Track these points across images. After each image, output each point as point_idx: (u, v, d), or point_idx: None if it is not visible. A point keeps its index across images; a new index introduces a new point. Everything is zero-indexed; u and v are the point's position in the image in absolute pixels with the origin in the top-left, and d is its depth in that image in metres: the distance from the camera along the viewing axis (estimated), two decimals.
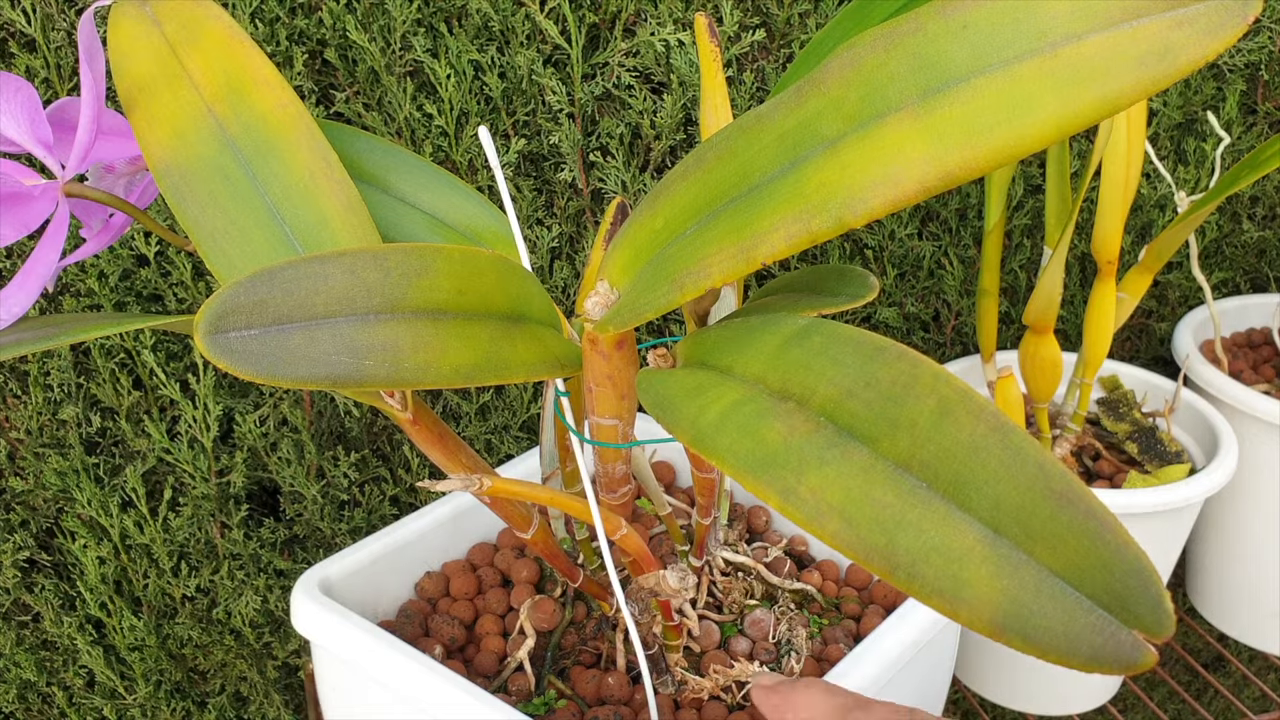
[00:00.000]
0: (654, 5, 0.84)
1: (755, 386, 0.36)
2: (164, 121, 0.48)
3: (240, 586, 0.89)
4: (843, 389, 0.34)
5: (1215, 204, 0.78)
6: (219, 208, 0.47)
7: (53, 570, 0.88)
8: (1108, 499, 0.78)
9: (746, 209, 0.38)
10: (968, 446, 0.31)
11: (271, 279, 0.37)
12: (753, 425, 0.34)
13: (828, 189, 0.35)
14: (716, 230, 0.39)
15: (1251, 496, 0.92)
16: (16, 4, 0.75)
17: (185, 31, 0.49)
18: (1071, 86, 0.32)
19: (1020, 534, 0.29)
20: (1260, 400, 0.89)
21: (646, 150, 0.89)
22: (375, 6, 0.81)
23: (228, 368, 0.36)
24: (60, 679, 0.90)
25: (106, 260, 0.81)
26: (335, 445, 0.90)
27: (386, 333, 0.39)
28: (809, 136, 0.37)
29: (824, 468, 0.32)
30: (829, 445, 0.32)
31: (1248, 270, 1.13)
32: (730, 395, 0.36)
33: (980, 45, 0.34)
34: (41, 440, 0.84)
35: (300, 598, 0.59)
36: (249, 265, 0.47)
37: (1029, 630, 0.28)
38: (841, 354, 0.35)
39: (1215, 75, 1.00)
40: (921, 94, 0.34)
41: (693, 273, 0.39)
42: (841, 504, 0.31)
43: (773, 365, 0.37)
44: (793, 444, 0.33)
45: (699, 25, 0.48)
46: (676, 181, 0.43)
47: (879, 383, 0.33)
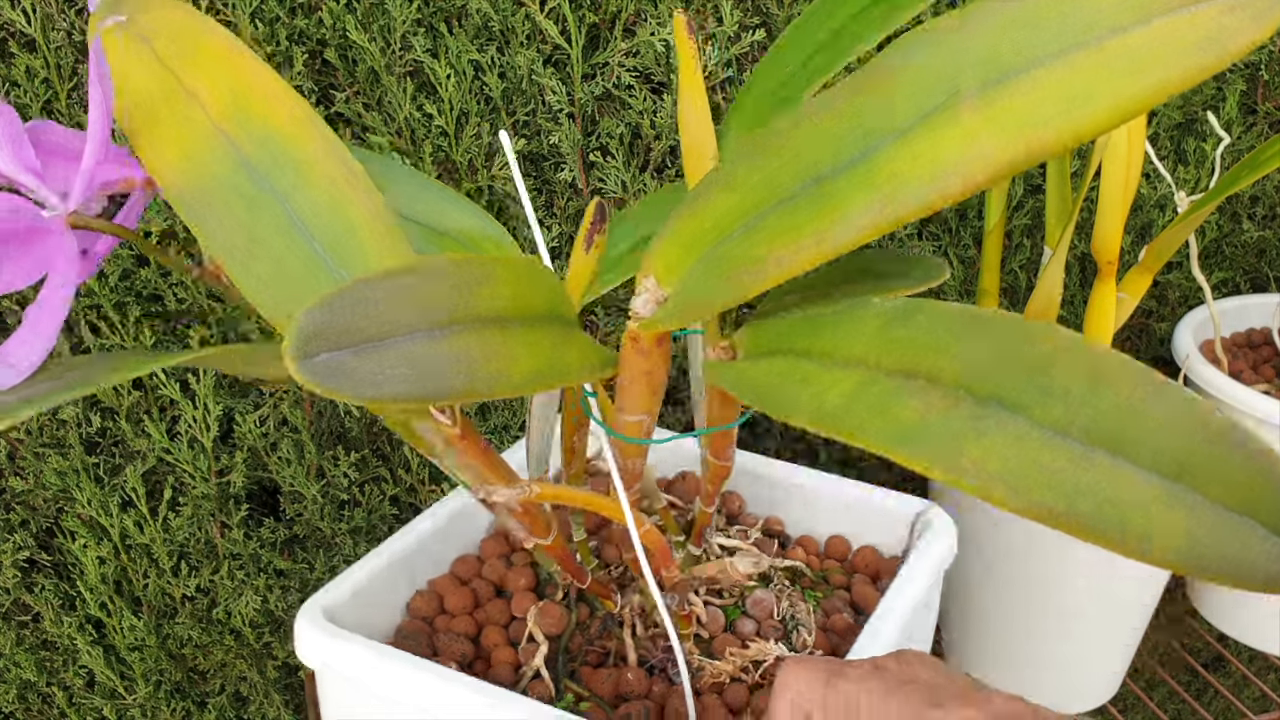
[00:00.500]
0: (654, 5, 0.84)
1: (869, 368, 0.38)
2: (171, 143, 0.46)
3: (240, 586, 0.89)
4: (978, 363, 0.35)
5: (1215, 204, 0.78)
6: (241, 228, 0.46)
7: (53, 570, 0.88)
8: None
9: (817, 200, 0.39)
10: (1125, 408, 0.32)
11: (345, 300, 0.37)
12: (885, 404, 0.35)
13: (900, 178, 0.37)
14: (782, 222, 0.40)
15: None
16: (16, 4, 0.75)
17: (178, 47, 0.48)
18: (1126, 76, 0.33)
19: (1192, 478, 0.31)
20: (1260, 400, 0.89)
21: (646, 150, 0.89)
22: (375, 6, 0.81)
23: (326, 392, 0.36)
24: (60, 679, 0.90)
25: (108, 260, 0.81)
26: (335, 445, 0.90)
27: (459, 344, 0.39)
28: (875, 129, 0.38)
29: (982, 438, 0.33)
30: (977, 417, 0.34)
31: (1248, 270, 1.13)
32: (848, 378, 0.38)
33: (1033, 38, 0.35)
34: (41, 440, 0.84)
35: (307, 628, 0.56)
36: (282, 284, 0.45)
37: (1210, 563, 0.30)
38: (962, 330, 0.36)
39: (1215, 75, 1.00)
40: (981, 86, 0.36)
41: (756, 266, 0.40)
42: (1006, 471, 0.32)
43: (880, 346, 0.38)
44: (933, 419, 0.34)
45: (678, 24, 0.48)
46: (725, 178, 0.43)
47: (1019, 356, 0.35)
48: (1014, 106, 0.35)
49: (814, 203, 0.39)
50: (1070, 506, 0.31)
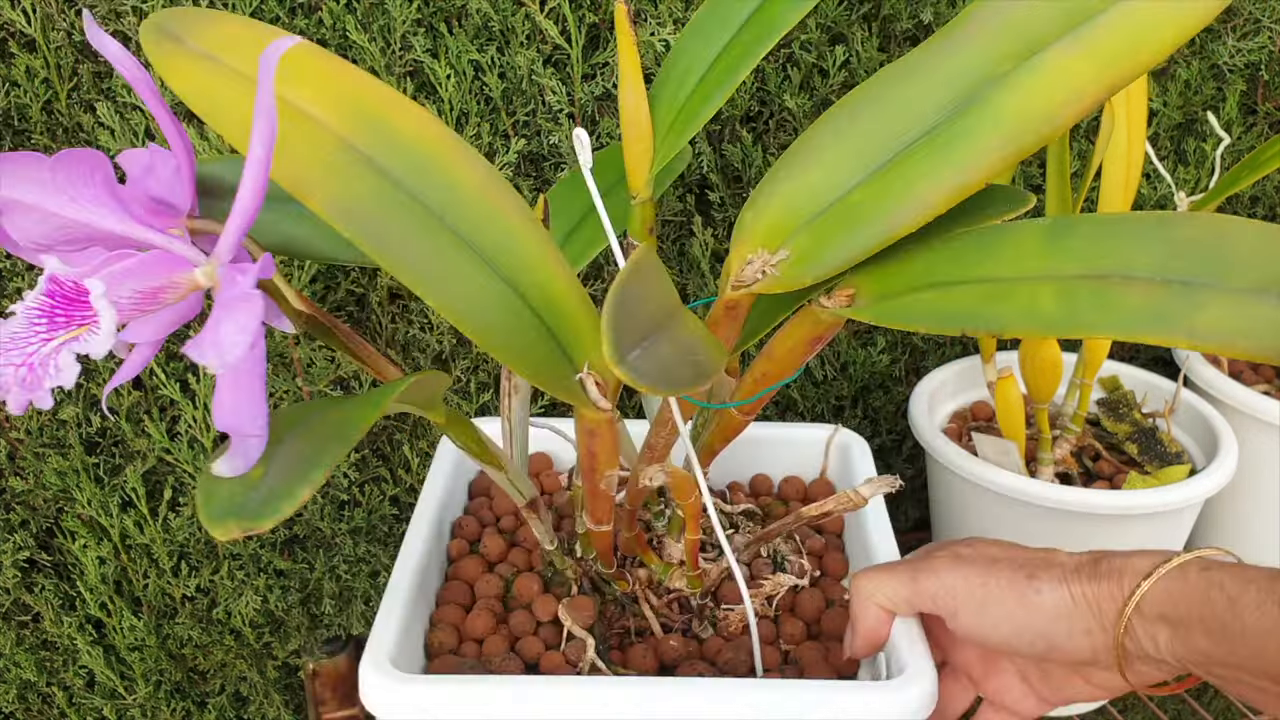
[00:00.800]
0: (654, 5, 0.84)
1: (1057, 278, 0.42)
2: (310, 164, 0.44)
3: (240, 586, 0.89)
4: (1158, 255, 0.41)
5: (1215, 204, 0.78)
6: (426, 255, 0.44)
7: (53, 570, 0.88)
8: (1108, 500, 0.78)
9: (939, 144, 0.44)
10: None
11: (621, 307, 0.39)
12: (1105, 300, 0.41)
13: (1024, 113, 0.43)
14: (910, 169, 0.45)
15: (1251, 497, 0.92)
16: (16, 4, 0.75)
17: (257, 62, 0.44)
18: (1182, 10, 0.41)
19: None
20: (1260, 400, 0.89)
21: None
22: (375, 6, 0.81)
23: (645, 389, 0.38)
24: (60, 679, 0.90)
25: None
26: None
27: (688, 335, 0.44)
28: (980, 76, 0.44)
29: (1203, 309, 0.39)
30: (1185, 295, 0.40)
31: None
32: (1044, 288, 0.42)
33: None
34: (42, 440, 0.84)
35: (392, 684, 0.52)
36: (478, 301, 0.45)
37: None
38: (1129, 230, 0.42)
39: (1215, 75, 1.00)
40: (1068, 29, 0.43)
41: (900, 205, 0.44)
42: (1240, 329, 0.38)
43: (1056, 259, 0.43)
44: (1157, 303, 0.40)
45: (619, 14, 0.51)
46: (812, 144, 0.47)
47: (1189, 240, 0.41)
48: (1101, 40, 0.42)
49: (940, 145, 0.44)
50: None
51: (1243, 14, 0.98)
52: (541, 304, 0.47)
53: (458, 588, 0.65)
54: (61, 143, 0.80)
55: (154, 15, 0.47)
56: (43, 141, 0.79)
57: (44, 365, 0.40)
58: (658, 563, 0.62)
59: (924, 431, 0.85)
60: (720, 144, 0.90)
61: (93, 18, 0.47)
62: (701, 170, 0.90)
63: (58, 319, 0.40)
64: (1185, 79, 0.98)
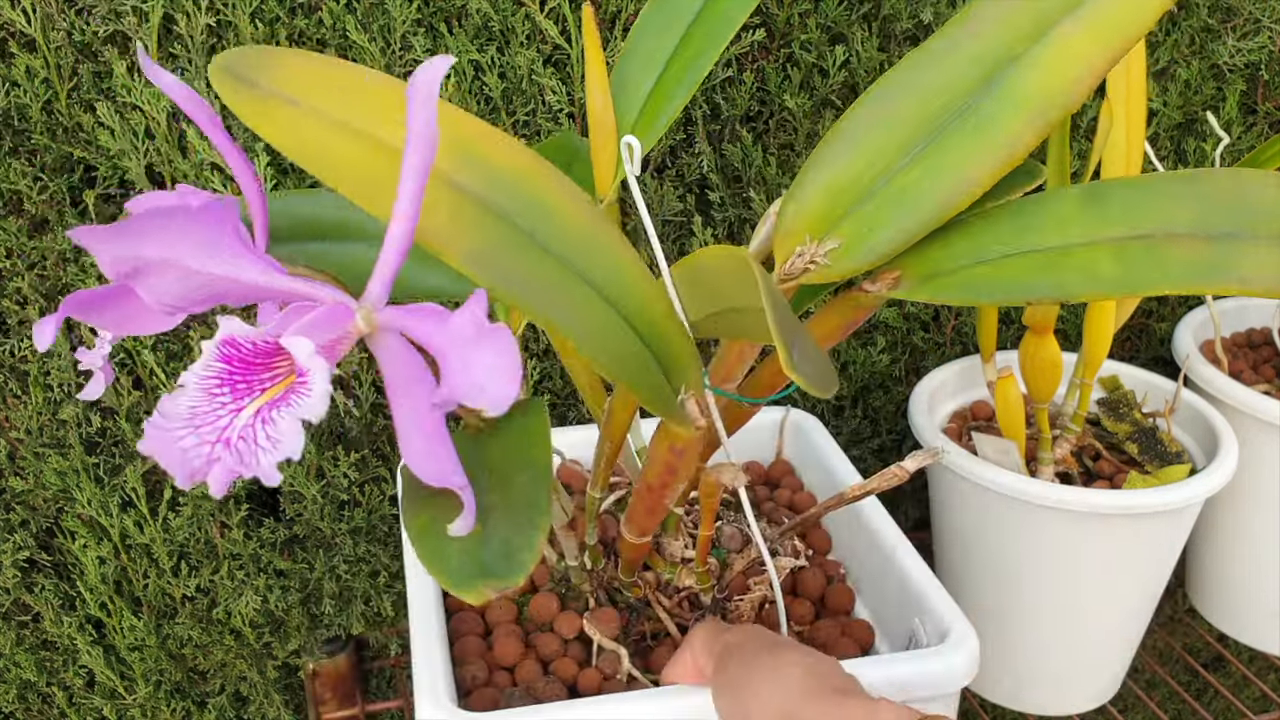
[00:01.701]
0: None
1: (1103, 242, 0.45)
2: (429, 211, 0.42)
3: (240, 586, 0.89)
4: (1193, 211, 0.44)
5: None
6: (575, 306, 0.44)
7: (53, 570, 0.88)
8: (1108, 500, 0.78)
9: (976, 125, 0.47)
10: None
11: (783, 324, 0.40)
12: (1156, 259, 0.44)
13: (1046, 89, 0.46)
14: (951, 152, 0.47)
15: (1252, 497, 0.92)
16: (16, 4, 0.75)
17: (341, 100, 0.43)
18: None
19: None
20: (1260, 400, 0.89)
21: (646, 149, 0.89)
22: (375, 6, 0.81)
23: (814, 391, 0.39)
24: (60, 679, 0.90)
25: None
26: (335, 445, 0.90)
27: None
28: (1001, 57, 0.47)
29: (1246, 258, 0.42)
30: (1227, 246, 0.43)
31: None
32: (1093, 252, 0.45)
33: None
34: (42, 440, 0.84)
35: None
36: (591, 328, 0.44)
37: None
38: (1160, 190, 0.45)
39: (1215, 75, 1.00)
40: (1070, 8, 0.46)
41: (950, 185, 0.46)
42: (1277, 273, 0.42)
43: (1096, 224, 0.45)
44: (1203, 256, 0.43)
45: (586, 16, 0.52)
46: (849, 133, 0.48)
47: (1216, 195, 0.44)
48: (1101, 16, 0.45)
49: (977, 125, 0.47)
50: None
51: (1243, 14, 0.98)
52: (647, 331, 0.47)
53: (468, 617, 0.64)
54: (61, 143, 0.80)
55: (220, 58, 0.44)
56: (43, 141, 0.79)
57: (249, 438, 0.37)
58: (663, 564, 0.62)
59: (924, 431, 0.85)
60: (720, 144, 0.90)
61: (145, 51, 0.42)
62: (702, 170, 0.90)
63: (239, 385, 0.38)
64: (1185, 79, 0.98)
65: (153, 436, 0.37)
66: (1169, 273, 0.43)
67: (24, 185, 0.79)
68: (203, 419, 0.37)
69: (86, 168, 0.82)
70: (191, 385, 0.38)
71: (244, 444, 0.37)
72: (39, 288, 0.81)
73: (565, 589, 0.63)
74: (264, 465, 0.36)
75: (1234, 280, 0.42)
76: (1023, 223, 0.46)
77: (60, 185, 0.81)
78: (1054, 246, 0.46)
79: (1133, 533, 0.80)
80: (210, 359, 0.38)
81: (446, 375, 0.37)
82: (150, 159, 0.80)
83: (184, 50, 0.79)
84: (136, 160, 0.79)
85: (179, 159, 0.80)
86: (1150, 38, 0.97)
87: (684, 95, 0.53)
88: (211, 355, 0.38)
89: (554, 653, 0.60)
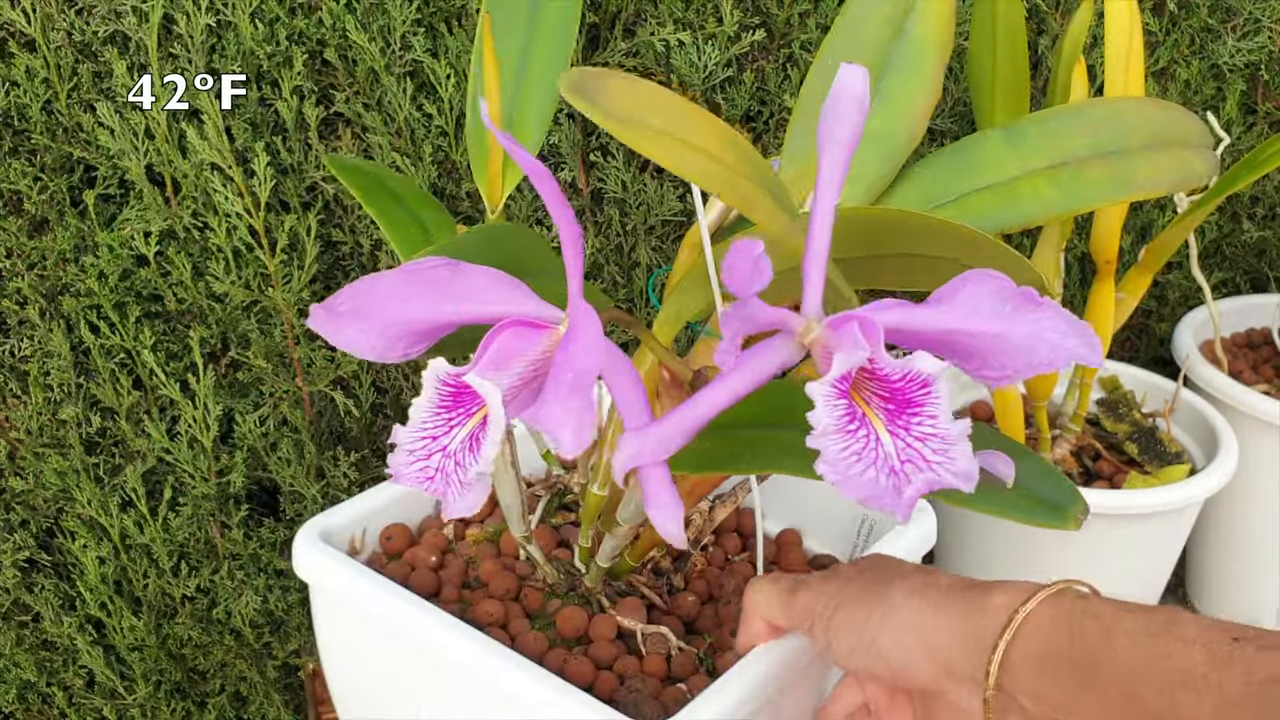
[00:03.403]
0: (654, 5, 0.84)
1: (1036, 172, 0.53)
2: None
3: (240, 586, 0.89)
4: (1090, 138, 0.53)
5: (1214, 204, 0.78)
6: None
7: (53, 570, 0.88)
8: (1108, 500, 0.78)
9: (901, 67, 0.55)
10: (1158, 122, 0.54)
11: None
12: (1082, 180, 0.52)
13: (936, 31, 0.55)
14: (894, 95, 0.56)
15: (1252, 496, 0.92)
16: (16, 4, 0.75)
17: (670, 118, 0.44)
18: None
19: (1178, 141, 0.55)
20: (1260, 400, 0.89)
21: None
22: (375, 6, 0.81)
23: None
24: (60, 679, 0.90)
25: (106, 260, 0.81)
26: (335, 445, 0.90)
27: None
28: (898, 13, 0.56)
29: (1144, 166, 0.52)
30: (1127, 160, 0.52)
31: (1248, 270, 1.13)
32: (1033, 182, 0.53)
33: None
34: (41, 440, 0.84)
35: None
36: None
37: (1188, 177, 0.54)
38: (1060, 124, 0.54)
39: (1215, 75, 1.00)
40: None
41: (901, 128, 0.55)
42: (1165, 174, 0.53)
43: (1025, 158, 0.53)
44: (1114, 172, 0.52)
45: (482, 24, 0.54)
46: (813, 98, 0.56)
47: (1101, 119, 0.53)
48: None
49: (904, 72, 0.56)
50: (1188, 171, 0.53)
51: (1243, 14, 0.98)
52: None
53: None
54: (61, 143, 0.80)
55: (565, 78, 0.44)
56: (43, 141, 0.79)
57: (460, 456, 0.42)
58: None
59: None
60: None
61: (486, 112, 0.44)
62: None
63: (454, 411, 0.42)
64: (1185, 79, 0.98)
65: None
66: (1096, 190, 0.52)
67: (24, 185, 0.79)
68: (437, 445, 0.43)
69: (86, 167, 0.82)
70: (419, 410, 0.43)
71: (457, 460, 0.42)
72: (39, 288, 0.81)
73: (565, 593, 0.63)
74: (471, 482, 0.42)
75: (1137, 189, 0.51)
76: (964, 166, 0.52)
77: (60, 185, 0.81)
78: (1000, 182, 0.53)
79: (1133, 533, 0.80)
80: (437, 393, 0.43)
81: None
82: (150, 159, 0.80)
83: (183, 50, 0.79)
84: (136, 160, 0.80)
85: (179, 159, 0.80)
86: (1151, 38, 0.97)
87: (549, 105, 0.59)
88: (435, 391, 0.43)
89: (607, 657, 0.59)
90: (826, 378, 0.38)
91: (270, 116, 0.83)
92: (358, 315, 0.44)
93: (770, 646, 0.55)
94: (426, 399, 0.42)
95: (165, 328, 0.86)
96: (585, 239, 0.91)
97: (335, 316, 0.44)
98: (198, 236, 0.83)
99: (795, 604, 0.53)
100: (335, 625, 0.63)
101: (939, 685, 0.48)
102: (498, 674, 0.53)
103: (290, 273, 0.84)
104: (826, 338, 0.41)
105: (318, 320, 0.44)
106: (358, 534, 0.65)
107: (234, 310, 0.85)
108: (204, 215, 0.82)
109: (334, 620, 0.63)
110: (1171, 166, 0.52)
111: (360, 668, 0.63)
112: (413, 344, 0.45)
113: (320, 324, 0.44)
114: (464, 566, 0.64)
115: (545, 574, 0.62)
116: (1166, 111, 0.54)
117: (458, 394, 0.42)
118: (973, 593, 0.47)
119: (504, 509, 0.61)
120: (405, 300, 0.43)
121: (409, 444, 0.42)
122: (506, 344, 0.42)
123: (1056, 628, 0.44)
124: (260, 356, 0.85)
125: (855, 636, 0.49)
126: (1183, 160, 0.53)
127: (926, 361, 0.38)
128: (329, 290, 0.88)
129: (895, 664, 0.48)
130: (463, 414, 0.42)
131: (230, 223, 0.81)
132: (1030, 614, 0.45)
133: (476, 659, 0.54)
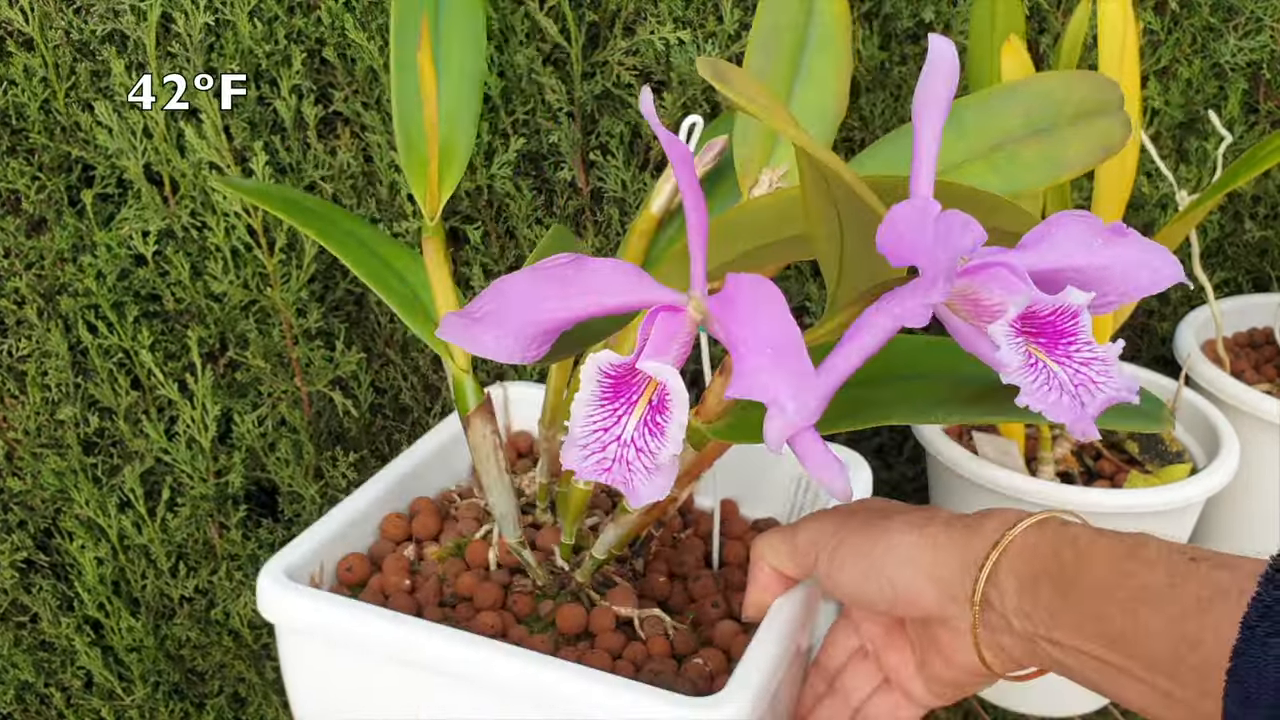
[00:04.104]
0: (654, 4, 0.84)
1: (979, 155, 0.54)
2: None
3: (238, 587, 0.89)
4: (1020, 118, 0.54)
5: (1214, 201, 0.78)
6: None
7: (50, 571, 0.88)
8: (1109, 499, 0.78)
9: (818, 48, 0.59)
10: (1083, 96, 0.55)
11: None
12: (1018, 162, 0.53)
13: (839, 10, 0.59)
14: (816, 74, 0.59)
15: (1253, 496, 0.92)
16: (14, 2, 0.75)
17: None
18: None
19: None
20: (1262, 400, 0.89)
21: (646, 149, 0.88)
22: (374, 5, 0.81)
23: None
24: (58, 680, 0.90)
25: (104, 260, 0.81)
26: (333, 445, 0.90)
27: None
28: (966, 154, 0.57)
29: (1073, 143, 0.53)
30: (1060, 135, 0.54)
31: (1250, 270, 1.12)
32: (979, 168, 0.53)
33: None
34: (39, 440, 0.84)
35: None
36: None
37: (1114, 141, 0.54)
38: (994, 106, 0.55)
39: (1217, 74, 0.99)
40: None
41: (828, 103, 0.58)
42: (1091, 146, 0.53)
43: (966, 141, 0.54)
44: (1046, 151, 0.53)
45: (422, 31, 0.55)
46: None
47: (1030, 97, 0.55)
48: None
49: (821, 51, 0.59)
50: (1109, 140, 0.53)
51: (1244, 13, 0.97)
52: None
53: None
54: (59, 142, 0.80)
55: (702, 62, 0.47)
56: (41, 140, 0.79)
57: (640, 441, 0.43)
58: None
59: (925, 431, 0.84)
60: None
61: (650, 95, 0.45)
62: None
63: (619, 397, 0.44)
64: (1187, 78, 0.98)
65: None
66: (1032, 174, 0.52)
67: (22, 184, 0.79)
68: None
69: (85, 167, 0.82)
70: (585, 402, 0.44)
71: (638, 449, 0.43)
72: (36, 287, 0.81)
73: (557, 594, 0.62)
74: (661, 465, 0.43)
75: (1066, 168, 0.52)
76: (906, 153, 0.52)
77: (58, 184, 0.81)
78: (944, 168, 0.52)
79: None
80: (602, 384, 0.44)
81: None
82: (148, 158, 0.80)
83: (182, 49, 0.79)
84: (134, 159, 0.79)
85: (177, 158, 0.80)
86: (1152, 36, 0.97)
87: (471, 123, 0.60)
88: (601, 382, 0.44)
89: (614, 647, 0.59)
90: (1005, 318, 0.41)
91: (269, 115, 0.83)
92: (494, 320, 0.44)
93: (788, 597, 0.56)
94: (589, 393, 0.43)
95: (163, 327, 0.85)
96: (587, 238, 0.91)
97: (472, 324, 0.44)
98: (196, 236, 0.83)
99: (799, 541, 0.55)
100: (324, 673, 0.61)
101: (943, 610, 0.51)
102: (556, 685, 0.52)
103: (289, 272, 0.84)
104: (964, 286, 0.43)
105: (452, 330, 0.45)
106: (315, 569, 0.63)
107: (232, 310, 0.85)
108: (202, 215, 0.82)
109: (320, 668, 0.61)
110: (1097, 138, 0.53)
111: (361, 716, 0.60)
112: (543, 343, 0.45)
113: (455, 333, 0.45)
114: (438, 585, 0.62)
115: (536, 576, 0.62)
116: (1088, 81, 0.55)
117: (617, 384, 0.43)
118: (969, 520, 0.51)
119: (498, 517, 0.61)
120: (539, 299, 0.44)
121: (581, 439, 0.43)
122: (663, 327, 0.44)
123: (1040, 550, 0.48)
124: (259, 356, 0.85)
125: (863, 565, 0.52)
126: (1105, 131, 0.54)
127: (1075, 295, 0.41)
128: (328, 290, 0.88)
129: (901, 589, 0.51)
130: (625, 403, 0.43)
131: (228, 222, 0.81)
132: (1017, 537, 0.49)
133: (532, 675, 0.52)
